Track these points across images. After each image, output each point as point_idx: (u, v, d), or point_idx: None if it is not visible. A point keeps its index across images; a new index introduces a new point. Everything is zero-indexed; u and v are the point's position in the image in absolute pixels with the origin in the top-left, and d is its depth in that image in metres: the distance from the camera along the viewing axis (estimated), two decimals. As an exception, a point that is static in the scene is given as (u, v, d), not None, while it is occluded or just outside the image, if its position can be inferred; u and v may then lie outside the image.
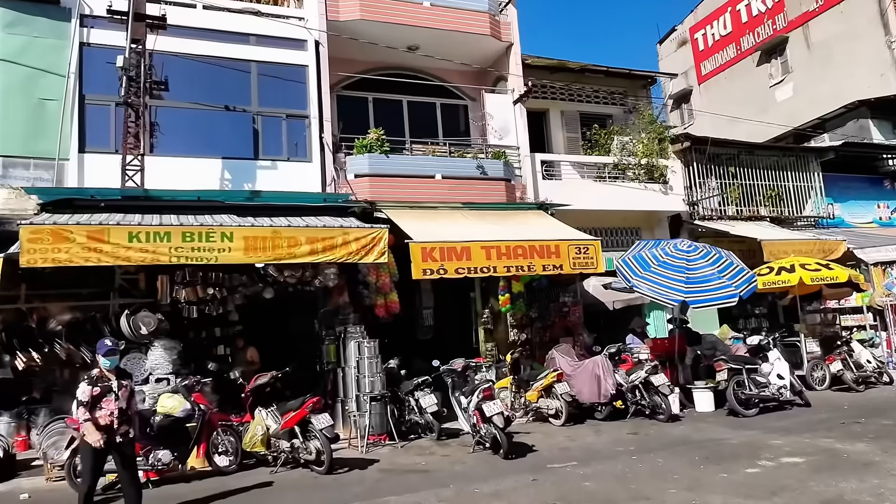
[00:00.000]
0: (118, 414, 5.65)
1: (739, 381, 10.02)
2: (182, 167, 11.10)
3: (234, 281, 10.26)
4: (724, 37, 26.28)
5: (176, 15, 11.45)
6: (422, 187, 12.38)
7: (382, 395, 9.63)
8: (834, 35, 22.14)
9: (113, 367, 5.82)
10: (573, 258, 10.84)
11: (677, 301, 10.14)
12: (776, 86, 24.10)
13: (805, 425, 8.85)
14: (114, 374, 5.81)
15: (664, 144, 15.53)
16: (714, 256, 10.54)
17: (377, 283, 10.90)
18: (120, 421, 5.66)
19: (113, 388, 5.70)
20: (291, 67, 12.37)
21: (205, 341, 11.50)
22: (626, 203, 14.58)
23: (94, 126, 10.95)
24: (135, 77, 10.47)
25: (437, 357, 10.43)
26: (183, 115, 11.61)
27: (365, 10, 12.83)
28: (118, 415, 5.65)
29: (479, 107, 14.32)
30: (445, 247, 10.11)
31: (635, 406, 10.29)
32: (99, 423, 5.56)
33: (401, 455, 8.76)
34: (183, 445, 7.36)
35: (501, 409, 8.25)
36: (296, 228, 9.31)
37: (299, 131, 12.27)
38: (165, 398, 7.36)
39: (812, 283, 12.06)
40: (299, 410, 7.67)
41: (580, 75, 16.08)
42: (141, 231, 8.35)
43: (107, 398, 5.65)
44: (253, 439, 7.88)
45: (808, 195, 17.27)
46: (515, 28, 14.39)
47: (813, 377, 12.23)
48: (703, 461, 7.15)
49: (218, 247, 8.71)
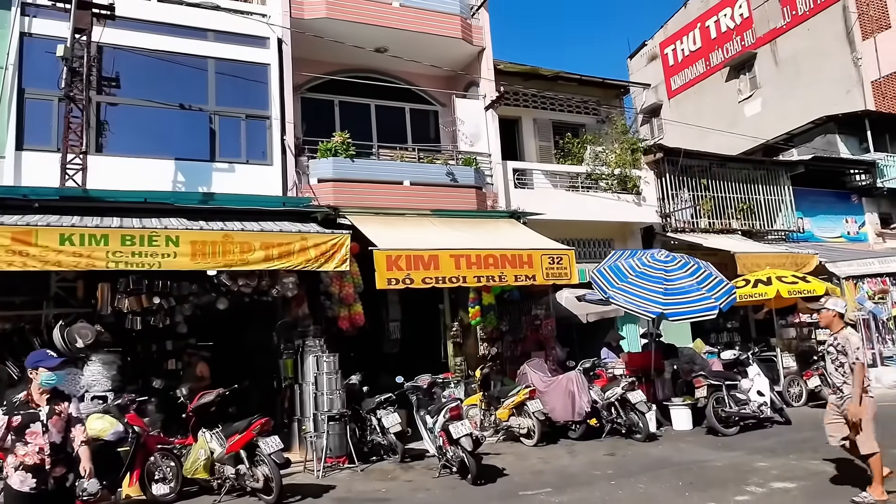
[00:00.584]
0: (50, 451, 4.41)
1: (719, 397, 9.59)
2: (131, 168, 10.35)
3: (184, 290, 9.44)
4: (694, 52, 26.44)
5: (128, 6, 10.72)
6: (389, 194, 11.82)
7: (342, 413, 8.94)
8: (801, 51, 22.37)
9: (53, 386, 4.60)
10: (546, 268, 10.37)
11: (655, 313, 9.70)
12: (745, 101, 24.26)
13: (790, 445, 8.42)
14: (46, 397, 4.57)
15: (637, 155, 15.27)
16: (693, 267, 10.15)
17: (340, 294, 10.25)
18: (54, 460, 4.43)
19: (41, 416, 4.46)
20: (252, 66, 11.73)
21: (154, 355, 10.73)
22: (598, 213, 14.23)
23: (33, 122, 10.14)
24: (78, 69, 9.70)
25: (405, 372, 9.79)
26: (133, 113, 10.87)
27: (331, 8, 12.28)
28: (50, 452, 4.41)
29: (449, 112, 13.84)
30: (412, 255, 9.53)
31: (611, 424, 9.79)
32: (25, 462, 4.36)
33: (360, 480, 8.06)
34: (114, 472, 6.56)
35: (470, 430, 7.64)
36: (249, 233, 8.61)
37: (260, 133, 11.60)
38: (94, 419, 6.56)
39: (789, 296, 11.79)
40: (245, 433, 6.94)
41: (553, 83, 15.77)
42: (74, 233, 7.56)
43: (31, 430, 4.40)
44: (195, 464, 7.11)
45: (778, 209, 17.20)
46: (488, 32, 14.00)
47: (790, 393, 11.92)
48: (687, 487, 6.64)
49: (162, 251, 7.97)
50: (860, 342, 5.98)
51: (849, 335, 5.98)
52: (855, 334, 6.04)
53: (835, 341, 6.06)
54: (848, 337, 5.96)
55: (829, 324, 6.19)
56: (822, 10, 21.90)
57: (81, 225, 7.86)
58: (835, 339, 6.07)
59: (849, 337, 5.96)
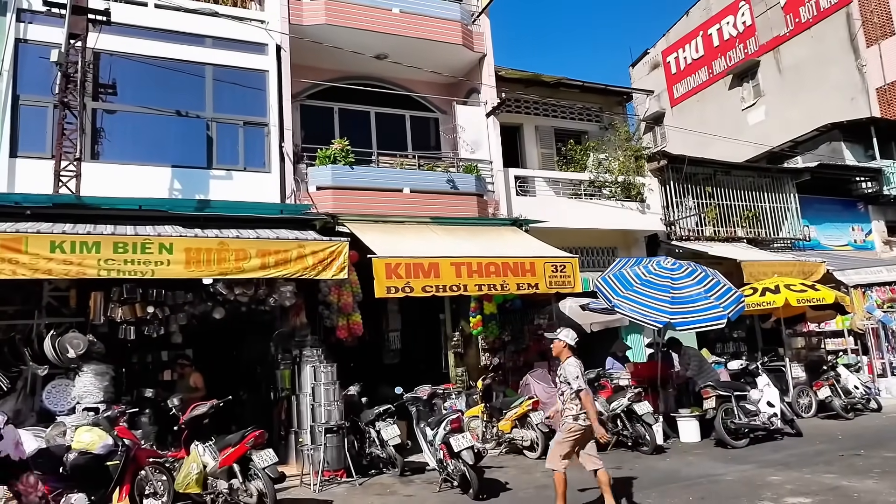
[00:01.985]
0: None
1: (728, 409, 9.32)
2: (127, 175, 10.21)
3: (178, 299, 9.22)
4: (697, 60, 26.30)
5: (125, 13, 10.65)
6: (388, 201, 11.64)
7: (340, 425, 8.70)
8: (805, 59, 22.20)
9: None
10: (549, 277, 10.14)
11: (662, 322, 9.46)
12: (748, 109, 24.07)
13: (802, 458, 8.15)
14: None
15: (641, 162, 15.10)
16: (700, 275, 9.91)
17: (339, 303, 10.03)
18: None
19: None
20: (250, 72, 11.60)
21: (148, 366, 10.53)
22: (602, 221, 14.02)
23: (28, 129, 10.01)
24: (73, 75, 9.56)
25: (405, 383, 9.57)
26: (129, 120, 10.75)
27: (331, 15, 12.15)
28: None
29: (450, 120, 13.68)
30: (412, 262, 9.31)
31: (617, 436, 9.52)
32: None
33: (358, 495, 7.81)
34: (102, 487, 6.31)
35: (472, 443, 7.39)
36: (245, 240, 8.41)
37: (258, 140, 11.45)
38: (82, 432, 6.31)
39: (798, 304, 11.54)
40: (238, 446, 6.70)
41: (555, 90, 15.61)
42: (65, 240, 7.37)
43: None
44: (187, 479, 6.86)
45: (784, 216, 16.98)
46: (489, 39, 13.86)
47: (800, 404, 11.64)
48: (698, 502, 6.38)
49: (155, 259, 7.77)
50: (579, 371, 6.25)
51: (566, 365, 6.30)
52: (573, 364, 6.30)
53: (561, 371, 6.38)
54: (565, 367, 6.29)
55: (559, 353, 6.53)
56: (825, 17, 21.76)
57: (73, 232, 7.67)
58: (561, 369, 6.38)
59: (566, 367, 6.28)
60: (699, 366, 10.87)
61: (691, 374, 10.72)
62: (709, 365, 11.08)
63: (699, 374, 10.59)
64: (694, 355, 11.14)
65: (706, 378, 10.26)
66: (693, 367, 10.81)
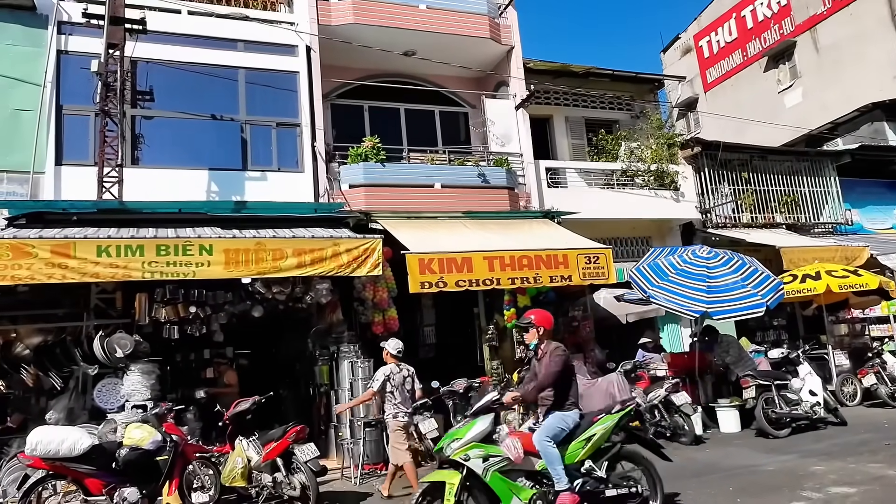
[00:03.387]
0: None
1: (768, 398, 9.19)
2: (166, 179, 10.48)
3: (219, 298, 9.51)
4: (730, 43, 25.70)
5: (159, 21, 10.93)
6: (420, 197, 11.71)
7: (378, 419, 8.82)
8: (843, 38, 21.51)
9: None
10: (583, 268, 10.10)
11: (699, 312, 9.35)
12: (785, 91, 23.45)
13: (846, 448, 8.00)
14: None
15: (674, 150, 14.87)
16: (737, 263, 9.76)
17: (374, 299, 10.18)
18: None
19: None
20: (282, 74, 11.79)
21: (191, 364, 10.83)
22: (635, 211, 13.87)
23: (71, 138, 10.36)
24: (112, 84, 9.87)
25: (440, 377, 9.66)
26: (167, 125, 11.02)
27: (358, 13, 12.26)
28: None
29: (479, 114, 13.70)
30: (445, 258, 9.38)
31: (654, 428, 9.46)
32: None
33: (398, 488, 7.93)
34: (153, 481, 6.56)
35: (508, 435, 7.43)
36: (282, 240, 8.60)
37: (290, 140, 11.64)
38: (133, 428, 6.57)
39: (840, 290, 11.27)
40: (281, 441, 6.88)
41: (584, 80, 15.47)
42: (111, 244, 7.66)
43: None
44: (232, 472, 7.08)
45: (824, 201, 16.54)
46: (516, 31, 13.80)
47: (843, 392, 11.40)
48: (739, 493, 6.32)
49: (196, 261, 8.02)
50: (381, 375, 7.59)
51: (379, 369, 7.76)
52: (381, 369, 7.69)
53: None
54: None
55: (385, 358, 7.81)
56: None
57: (118, 236, 7.96)
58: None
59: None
60: (738, 354, 10.71)
61: (730, 360, 10.56)
62: (747, 353, 10.89)
63: (737, 363, 10.43)
64: (732, 343, 10.97)
65: (744, 367, 10.11)
66: (732, 355, 10.64)
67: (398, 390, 7.53)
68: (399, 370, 7.68)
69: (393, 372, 7.58)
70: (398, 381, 7.57)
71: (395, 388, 7.53)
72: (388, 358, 7.71)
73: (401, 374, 7.64)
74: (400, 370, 7.67)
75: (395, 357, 7.72)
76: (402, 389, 7.56)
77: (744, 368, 10.15)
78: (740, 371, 10.04)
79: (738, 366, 10.41)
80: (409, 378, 7.73)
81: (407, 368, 7.79)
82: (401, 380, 7.61)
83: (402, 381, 7.62)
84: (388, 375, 7.54)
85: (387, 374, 7.54)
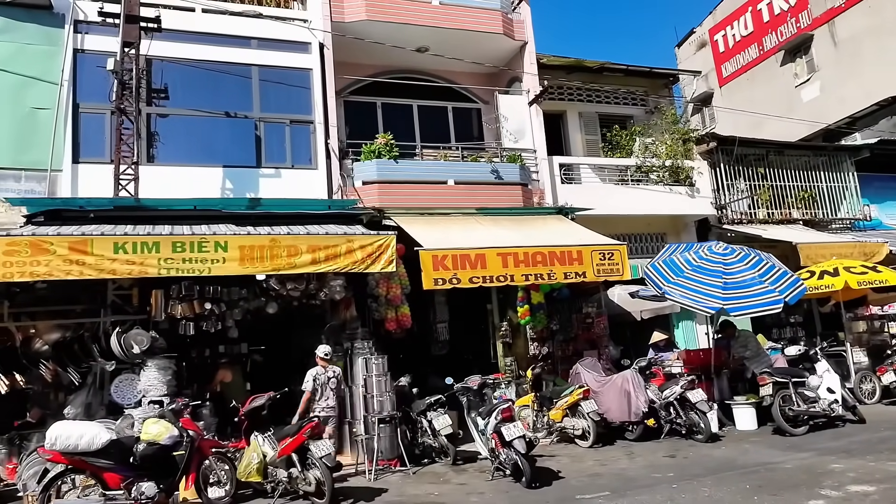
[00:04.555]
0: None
1: (785, 395, 9.09)
2: (181, 176, 10.55)
3: (234, 295, 9.59)
4: (746, 37, 25.41)
5: (173, 19, 10.97)
6: (433, 193, 11.70)
7: (392, 416, 8.86)
8: (862, 31, 21.18)
9: None
10: (597, 265, 10.04)
11: (715, 309, 9.25)
12: (802, 85, 23.14)
13: (865, 446, 7.90)
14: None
15: (689, 145, 14.74)
16: (753, 259, 9.64)
17: (387, 296, 10.21)
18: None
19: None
20: (295, 71, 11.83)
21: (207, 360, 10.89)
22: (650, 207, 13.77)
23: (88, 135, 10.46)
24: (128, 82, 9.94)
25: (454, 374, 9.65)
26: (182, 123, 11.09)
27: (371, 10, 12.26)
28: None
29: (492, 109, 13.66)
30: (458, 254, 9.37)
31: (670, 425, 9.41)
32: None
33: (412, 483, 7.96)
34: (170, 476, 6.62)
35: (523, 432, 7.43)
36: (296, 236, 8.64)
37: (304, 137, 11.68)
38: (150, 424, 6.63)
39: (859, 287, 11.12)
40: (296, 436, 6.92)
41: (598, 75, 15.38)
42: (127, 241, 7.73)
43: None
44: (248, 468, 7.13)
45: (842, 196, 16.33)
46: (529, 26, 13.74)
47: (862, 390, 11.26)
48: (755, 491, 6.26)
49: (211, 257, 8.07)
50: (310, 377, 8.58)
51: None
52: (310, 371, 8.66)
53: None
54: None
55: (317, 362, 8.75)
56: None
57: (134, 233, 8.03)
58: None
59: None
60: (756, 349, 10.61)
61: (749, 355, 10.47)
62: (764, 350, 10.79)
63: (754, 359, 10.35)
64: (749, 339, 10.86)
65: (760, 363, 10.01)
66: (751, 350, 10.55)
67: (322, 389, 8.63)
68: (324, 371, 8.73)
69: (319, 373, 8.68)
70: (322, 381, 8.67)
71: (319, 387, 8.61)
72: (318, 361, 8.77)
73: (325, 375, 8.71)
74: (325, 371, 8.74)
75: (324, 360, 8.78)
76: (325, 388, 8.65)
77: (760, 365, 10.06)
78: (757, 367, 9.94)
79: (755, 361, 10.32)
80: (333, 378, 8.78)
81: (333, 370, 8.86)
82: (325, 380, 8.69)
83: (327, 381, 8.70)
84: (314, 376, 8.63)
85: (314, 376, 8.64)
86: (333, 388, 8.73)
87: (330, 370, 8.78)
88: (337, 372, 8.91)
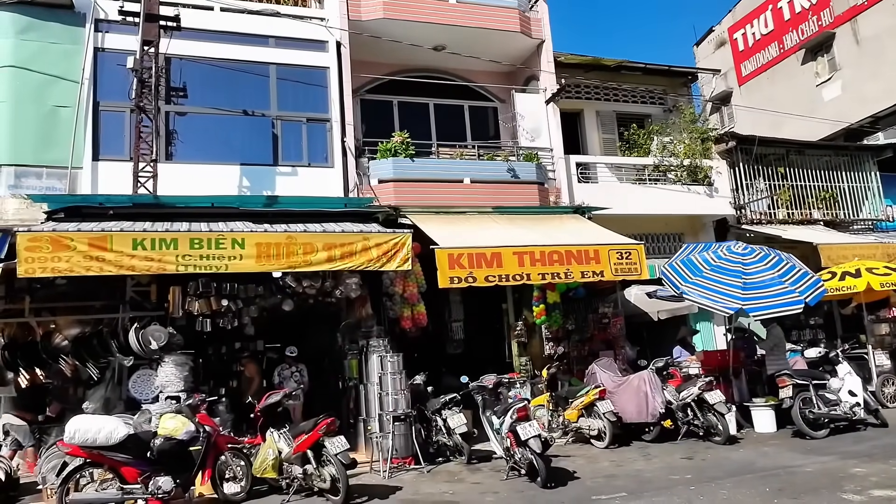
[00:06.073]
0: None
1: (806, 398, 8.95)
2: (199, 174, 10.62)
3: (250, 292, 9.63)
4: (766, 35, 25.08)
5: (192, 18, 11.06)
6: (449, 192, 11.68)
7: (407, 414, 8.85)
8: (885, 29, 20.81)
9: None
10: (614, 264, 9.96)
11: (734, 309, 9.13)
12: (823, 84, 22.78)
13: (888, 449, 7.76)
14: None
15: (707, 144, 14.58)
16: (773, 259, 9.51)
17: (403, 294, 10.20)
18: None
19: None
20: (312, 70, 11.86)
21: (224, 356, 10.97)
22: (667, 207, 13.65)
23: (108, 133, 10.57)
24: (147, 80, 10.03)
25: (469, 372, 9.63)
26: (200, 121, 11.17)
27: (388, 8, 12.27)
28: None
29: (508, 108, 13.61)
30: (474, 253, 9.34)
31: (687, 426, 9.31)
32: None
33: (426, 482, 7.94)
34: (186, 471, 6.66)
35: (538, 432, 7.38)
36: (312, 234, 8.65)
37: (320, 136, 11.71)
38: (167, 419, 6.68)
39: (882, 288, 10.92)
40: (311, 433, 6.92)
41: (616, 73, 15.26)
42: (146, 238, 7.78)
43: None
44: (264, 464, 7.16)
45: (864, 196, 16.08)
46: (546, 24, 13.67)
47: (884, 393, 11.06)
48: (775, 494, 6.16)
49: (229, 254, 8.11)
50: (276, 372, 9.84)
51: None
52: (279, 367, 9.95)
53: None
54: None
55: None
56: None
57: (152, 230, 8.08)
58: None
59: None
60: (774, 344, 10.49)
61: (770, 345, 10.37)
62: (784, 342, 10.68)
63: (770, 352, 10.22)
64: (776, 335, 10.73)
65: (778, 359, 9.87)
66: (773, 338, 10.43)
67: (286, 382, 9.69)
68: (288, 367, 9.98)
69: (283, 368, 9.98)
70: (286, 376, 9.89)
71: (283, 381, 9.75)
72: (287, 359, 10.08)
73: (289, 371, 9.99)
74: (289, 367, 10.02)
75: (289, 357, 10.05)
76: (289, 382, 9.70)
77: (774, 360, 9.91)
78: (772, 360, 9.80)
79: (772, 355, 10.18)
80: (296, 373, 9.99)
81: (296, 366, 10.05)
82: (288, 374, 9.94)
83: (290, 376, 9.91)
84: (278, 371, 9.99)
85: (278, 370, 9.99)
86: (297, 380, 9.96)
87: (294, 366, 10.11)
88: (300, 367, 10.18)
